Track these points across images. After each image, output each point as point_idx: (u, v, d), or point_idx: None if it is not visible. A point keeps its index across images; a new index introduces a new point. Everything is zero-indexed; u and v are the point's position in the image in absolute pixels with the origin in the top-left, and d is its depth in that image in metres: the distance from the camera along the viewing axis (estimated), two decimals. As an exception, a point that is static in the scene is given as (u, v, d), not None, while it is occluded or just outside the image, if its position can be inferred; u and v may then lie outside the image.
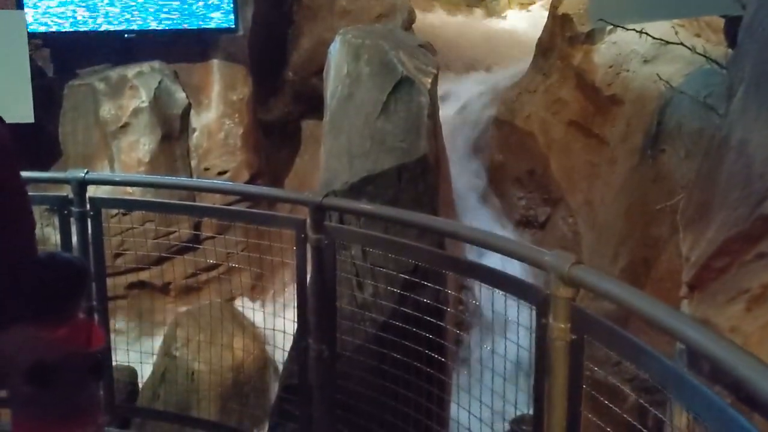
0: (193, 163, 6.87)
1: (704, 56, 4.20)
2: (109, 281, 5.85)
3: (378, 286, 3.74)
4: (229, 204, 5.20)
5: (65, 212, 3.63)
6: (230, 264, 4.87)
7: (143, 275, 5.80)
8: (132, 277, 5.87)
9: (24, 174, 3.94)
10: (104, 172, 5.77)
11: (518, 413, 4.24)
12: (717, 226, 2.37)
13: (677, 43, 4.23)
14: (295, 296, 3.20)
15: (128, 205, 3.95)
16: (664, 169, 4.80)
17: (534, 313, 2.18)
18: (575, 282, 1.98)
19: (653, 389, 2.56)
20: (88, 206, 3.59)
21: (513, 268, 2.86)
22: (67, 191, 3.63)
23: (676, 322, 1.58)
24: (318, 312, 3.12)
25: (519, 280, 2.26)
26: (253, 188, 4.54)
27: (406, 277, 3.32)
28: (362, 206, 3.09)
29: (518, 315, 2.31)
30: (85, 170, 3.55)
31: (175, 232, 5.34)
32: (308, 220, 3.06)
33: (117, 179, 4.12)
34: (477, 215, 6.04)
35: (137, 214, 5.17)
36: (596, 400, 2.26)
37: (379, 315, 3.65)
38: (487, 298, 3.31)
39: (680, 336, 1.55)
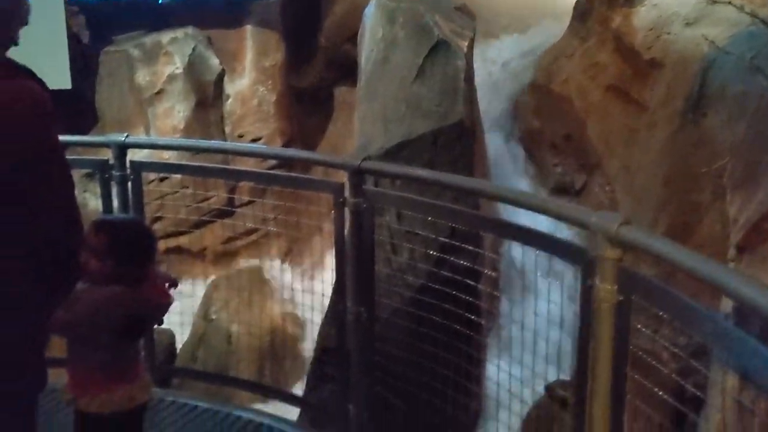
0: (227, 129, 6.90)
1: (752, 16, 4.08)
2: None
3: (415, 250, 3.74)
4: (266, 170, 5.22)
5: (106, 176, 3.66)
6: (267, 228, 4.91)
7: (180, 240, 5.88)
8: (170, 242, 5.95)
9: (65, 138, 3.98)
10: (144, 137, 5.82)
11: (555, 377, 4.24)
12: (767, 188, 2.32)
13: (725, 2, 4.10)
14: (334, 260, 3.20)
15: (168, 169, 3.97)
16: (706, 133, 4.70)
17: (579, 274, 2.15)
18: (623, 242, 1.95)
19: (696, 353, 2.54)
20: (128, 170, 3.62)
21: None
22: (106, 156, 3.66)
23: (732, 279, 1.54)
24: (356, 275, 3.12)
25: (563, 241, 2.23)
26: (291, 152, 4.53)
27: (444, 240, 3.31)
28: (401, 169, 3.07)
29: (563, 278, 2.29)
30: (125, 134, 3.57)
31: (212, 197, 5.39)
32: (346, 184, 3.05)
33: (157, 143, 4.14)
34: (511, 181, 5.98)
35: (174, 180, 5.22)
36: (636, 365, 2.24)
37: (415, 278, 3.65)
38: (523, 259, 3.29)
39: (735, 293, 1.52)
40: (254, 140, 6.90)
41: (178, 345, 5.51)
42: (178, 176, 4.97)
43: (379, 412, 3.27)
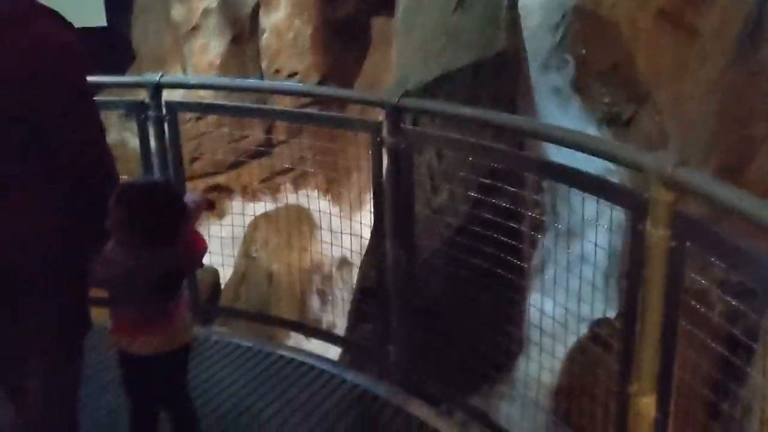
0: (263, 64, 6.78)
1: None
2: (188, 185, 5.98)
3: (454, 191, 3.65)
4: (302, 106, 5.11)
5: (142, 116, 3.63)
6: (305, 168, 4.86)
7: (219, 179, 5.87)
8: (209, 181, 5.96)
9: (99, 78, 3.92)
10: (179, 75, 5.76)
11: (598, 317, 4.16)
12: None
13: None
14: (372, 201, 3.13)
15: (203, 109, 3.91)
16: (763, 63, 4.44)
17: (629, 218, 2.05)
18: (679, 185, 1.83)
19: (744, 294, 2.42)
20: (164, 110, 3.57)
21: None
22: (143, 95, 3.61)
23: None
24: (395, 217, 3.05)
25: (612, 183, 2.12)
26: (326, 90, 4.40)
27: (484, 181, 3.20)
28: (441, 106, 2.95)
29: (610, 218, 2.19)
30: (160, 74, 3.51)
31: (249, 136, 5.34)
32: (384, 123, 2.95)
33: (191, 82, 4.06)
34: (557, 113, 5.79)
35: (211, 119, 5.17)
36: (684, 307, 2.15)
37: (454, 219, 3.57)
38: (566, 199, 3.18)
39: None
40: (290, 75, 6.78)
41: (223, 282, 5.57)
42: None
43: (418, 354, 3.25)
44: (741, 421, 2.36)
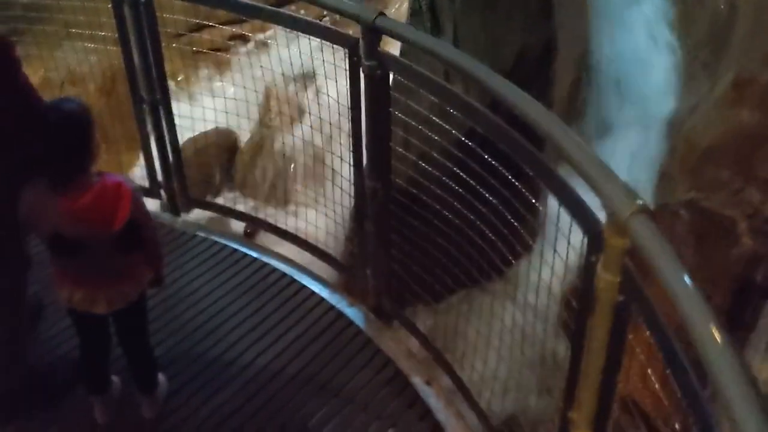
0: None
1: None
2: (210, 35, 5.59)
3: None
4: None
5: (115, -1, 3.30)
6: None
7: (237, 28, 5.43)
8: (225, 31, 5.56)
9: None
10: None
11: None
12: None
13: None
14: (350, 125, 2.80)
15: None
16: None
17: (585, 242, 1.71)
18: (632, 235, 1.48)
19: None
20: (135, -8, 3.21)
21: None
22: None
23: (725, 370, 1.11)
24: (371, 149, 2.73)
25: (577, 197, 1.74)
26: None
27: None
28: (419, 37, 2.47)
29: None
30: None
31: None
32: (361, 42, 2.54)
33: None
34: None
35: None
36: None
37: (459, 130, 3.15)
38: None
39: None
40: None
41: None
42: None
43: (395, 283, 3.07)
44: None
